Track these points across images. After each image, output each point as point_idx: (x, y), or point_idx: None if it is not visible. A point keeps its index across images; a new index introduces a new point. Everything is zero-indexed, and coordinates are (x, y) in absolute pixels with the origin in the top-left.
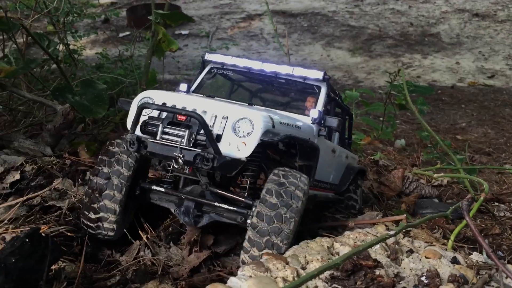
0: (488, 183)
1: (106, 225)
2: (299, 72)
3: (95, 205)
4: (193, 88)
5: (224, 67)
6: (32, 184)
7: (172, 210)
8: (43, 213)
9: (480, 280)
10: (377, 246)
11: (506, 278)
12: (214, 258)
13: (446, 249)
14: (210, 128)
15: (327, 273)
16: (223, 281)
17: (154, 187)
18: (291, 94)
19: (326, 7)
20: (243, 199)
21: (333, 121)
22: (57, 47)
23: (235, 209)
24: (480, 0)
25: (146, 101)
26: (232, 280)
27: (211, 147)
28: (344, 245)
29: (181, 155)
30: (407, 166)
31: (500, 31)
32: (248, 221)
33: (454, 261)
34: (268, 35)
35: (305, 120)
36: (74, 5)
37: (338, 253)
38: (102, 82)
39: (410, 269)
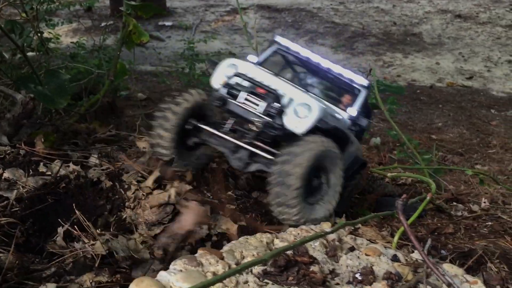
0: (457, 183)
1: (159, 149)
2: (348, 74)
3: (154, 132)
4: (259, 61)
5: (288, 51)
6: None
7: (226, 152)
8: None
9: (414, 278)
10: (317, 243)
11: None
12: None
13: (390, 247)
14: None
15: (260, 269)
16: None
17: (214, 131)
18: (336, 89)
19: (311, 3)
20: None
21: (363, 121)
22: (30, 35)
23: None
24: (463, 2)
25: (232, 66)
26: (161, 274)
27: (278, 119)
28: (283, 241)
29: (259, 120)
30: (374, 164)
31: (481, 33)
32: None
33: (394, 259)
34: (251, 29)
35: (343, 114)
36: None
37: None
38: (75, 72)
39: (347, 266)
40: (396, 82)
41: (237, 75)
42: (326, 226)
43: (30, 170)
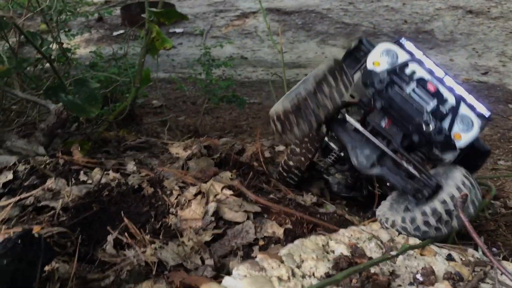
0: (483, 180)
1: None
2: (471, 100)
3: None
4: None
5: (412, 58)
6: (25, 184)
7: (349, 147)
8: (36, 214)
9: (475, 277)
10: (372, 243)
11: (501, 274)
12: None
13: (442, 246)
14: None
15: (322, 272)
16: (220, 276)
17: (349, 118)
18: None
19: (321, 4)
20: (427, 175)
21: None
22: (51, 46)
23: (420, 178)
24: None
25: (389, 51)
26: (227, 280)
27: (445, 124)
28: (339, 243)
29: (430, 118)
30: None
31: (494, 28)
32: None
33: (449, 258)
34: (262, 33)
35: None
36: (68, 4)
37: (333, 251)
38: (95, 81)
39: (405, 267)
40: None
41: (412, 60)
42: (376, 226)
43: (72, 179)
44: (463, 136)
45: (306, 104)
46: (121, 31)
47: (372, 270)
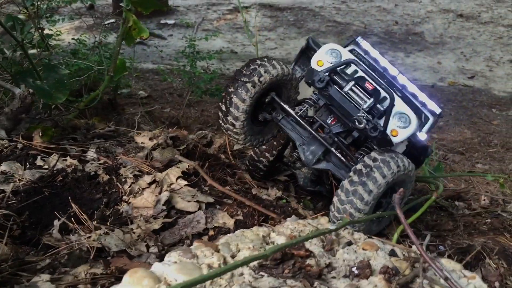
0: (457, 181)
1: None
2: (423, 97)
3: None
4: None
5: (365, 54)
6: None
7: (298, 143)
8: None
9: (412, 272)
10: None
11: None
12: None
13: (386, 242)
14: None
15: (256, 262)
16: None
17: (291, 111)
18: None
19: (313, 2)
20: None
21: (429, 149)
22: (31, 31)
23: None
24: (465, 1)
25: (335, 51)
26: (155, 266)
27: (380, 120)
28: (280, 235)
29: (365, 115)
30: None
31: (483, 33)
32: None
33: (392, 253)
34: (253, 28)
35: None
36: None
37: (273, 243)
38: (75, 68)
39: (343, 260)
40: None
41: (352, 62)
42: (324, 221)
43: (27, 164)
44: (400, 132)
45: (239, 74)
46: (112, 20)
47: (308, 261)
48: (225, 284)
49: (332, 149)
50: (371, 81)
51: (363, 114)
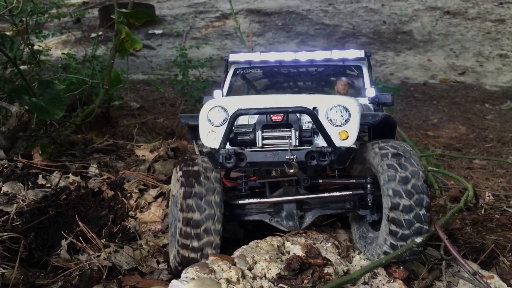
0: (456, 180)
1: (210, 250)
2: (337, 54)
3: (197, 231)
4: (224, 93)
5: (252, 65)
6: None
7: (267, 220)
8: None
9: (430, 275)
10: (329, 244)
11: (458, 271)
12: None
13: None
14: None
15: (274, 273)
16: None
17: (247, 200)
18: (332, 78)
19: (301, 5)
20: (355, 180)
21: (387, 97)
22: (21, 48)
23: (351, 192)
24: None
25: (216, 111)
26: (173, 283)
27: (317, 141)
28: (295, 244)
29: (295, 157)
30: None
31: (471, 29)
32: (369, 199)
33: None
34: (242, 34)
35: (362, 101)
36: (39, 6)
37: (288, 252)
38: (67, 83)
39: (361, 266)
40: (390, 81)
41: (239, 114)
42: (337, 227)
43: (29, 183)
44: (348, 130)
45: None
46: (100, 33)
47: (326, 270)
48: None
49: (304, 196)
50: (273, 111)
51: (292, 157)
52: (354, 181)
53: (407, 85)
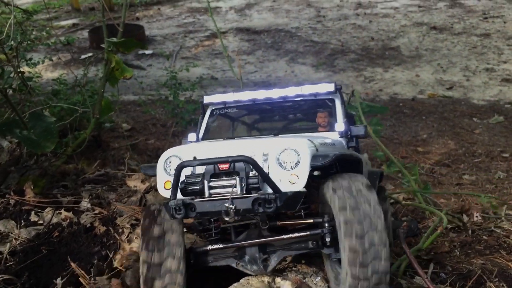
0: (447, 197)
1: None
2: (308, 89)
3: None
4: (201, 135)
5: (227, 105)
6: None
7: (234, 265)
8: None
9: None
10: (318, 278)
11: None
12: None
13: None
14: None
15: None
16: None
17: (209, 247)
18: (304, 114)
19: (289, 23)
20: (312, 220)
21: (359, 129)
22: (11, 76)
23: (308, 232)
24: (437, 14)
25: (172, 160)
26: None
27: (266, 187)
28: (285, 280)
29: (233, 206)
30: None
31: (457, 44)
32: (327, 239)
33: (399, 287)
34: (232, 53)
35: (331, 136)
36: (29, 31)
37: None
38: (57, 110)
39: None
40: (379, 97)
41: (182, 166)
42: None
43: (22, 221)
44: (297, 173)
45: None
46: (90, 54)
47: None
48: None
49: (263, 239)
50: (214, 161)
51: (230, 206)
52: (312, 221)
53: (396, 101)
